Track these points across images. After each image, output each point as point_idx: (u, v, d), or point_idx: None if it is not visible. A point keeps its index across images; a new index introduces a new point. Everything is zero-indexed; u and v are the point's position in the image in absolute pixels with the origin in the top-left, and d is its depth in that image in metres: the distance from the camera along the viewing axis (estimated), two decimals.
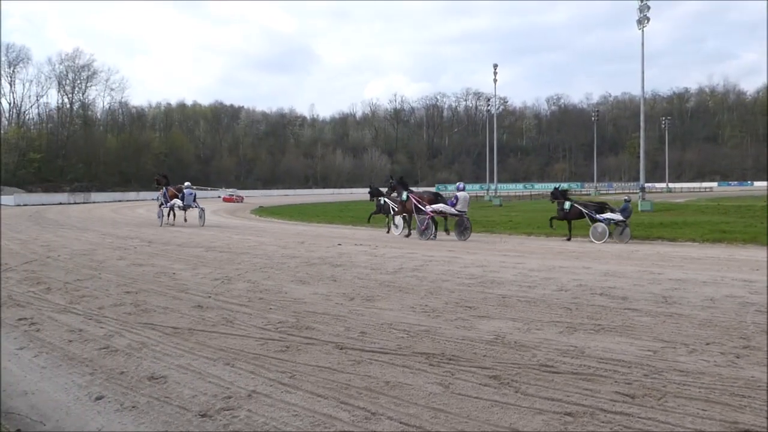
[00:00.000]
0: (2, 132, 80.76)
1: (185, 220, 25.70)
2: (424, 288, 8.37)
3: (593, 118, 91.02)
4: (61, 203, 57.08)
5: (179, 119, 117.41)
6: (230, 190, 75.28)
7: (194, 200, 25.06)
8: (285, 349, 5.38)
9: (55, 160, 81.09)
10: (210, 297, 7.88)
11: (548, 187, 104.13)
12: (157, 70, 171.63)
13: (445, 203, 17.80)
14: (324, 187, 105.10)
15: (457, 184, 18.93)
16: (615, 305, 7.06)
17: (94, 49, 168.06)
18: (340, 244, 15.21)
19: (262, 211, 40.25)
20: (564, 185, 16.43)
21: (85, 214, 35.82)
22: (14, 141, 77.04)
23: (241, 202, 61.44)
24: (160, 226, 23.71)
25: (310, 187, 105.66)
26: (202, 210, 25.06)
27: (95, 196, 64.15)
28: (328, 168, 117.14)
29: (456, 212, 17.55)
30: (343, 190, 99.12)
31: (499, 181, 72.92)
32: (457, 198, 17.75)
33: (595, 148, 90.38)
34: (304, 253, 13.06)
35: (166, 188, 25.28)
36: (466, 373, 4.67)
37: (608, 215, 16.88)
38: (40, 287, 8.84)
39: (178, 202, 24.67)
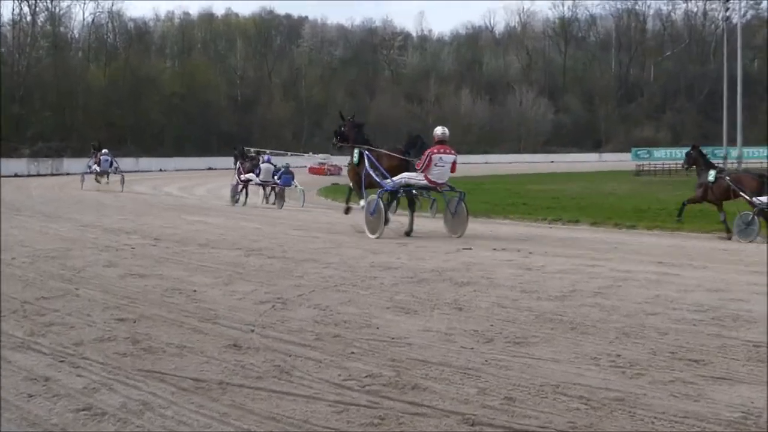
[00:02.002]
0: None
1: (98, 181, 42.59)
2: (613, 325, 8.19)
3: None
4: (17, 174, 60.14)
5: (203, 39, 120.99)
6: (321, 156, 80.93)
7: (111, 166, 43.09)
8: (378, 421, 5.39)
9: (8, 107, 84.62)
10: (254, 331, 8.02)
11: None
12: None
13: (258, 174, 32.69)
14: None
15: (265, 156, 36.80)
16: None
17: None
18: (469, 248, 15.16)
19: (336, 191, 40.76)
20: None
21: (55, 193, 37.57)
22: None
23: (339, 174, 64.56)
24: (81, 189, 40.44)
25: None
26: (122, 175, 42.44)
27: (70, 163, 66.78)
28: (447, 118, 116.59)
29: (260, 182, 32.77)
30: (473, 157, 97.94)
31: (748, 142, 70.44)
32: (260, 169, 32.79)
33: None
34: (407, 262, 13.10)
35: (95, 154, 44.38)
36: None
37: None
38: None
39: (96, 167, 43.18)
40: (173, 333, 7.95)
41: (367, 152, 19.36)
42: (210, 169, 79.64)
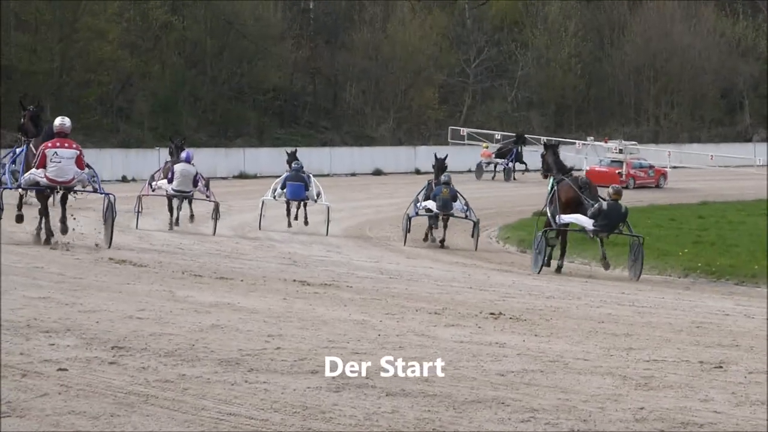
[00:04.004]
0: None
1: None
2: None
3: None
4: None
5: None
6: (615, 143, 47.46)
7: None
8: None
9: None
10: None
11: None
12: None
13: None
14: None
15: (185, 153, 23.23)
16: None
17: None
18: None
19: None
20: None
21: None
22: None
23: (654, 182, 44.12)
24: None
25: None
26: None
27: None
28: None
29: (174, 192, 22.32)
30: None
31: None
32: (173, 172, 22.23)
33: None
34: None
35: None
36: None
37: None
38: None
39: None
40: None
41: (27, 145, 16.76)
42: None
